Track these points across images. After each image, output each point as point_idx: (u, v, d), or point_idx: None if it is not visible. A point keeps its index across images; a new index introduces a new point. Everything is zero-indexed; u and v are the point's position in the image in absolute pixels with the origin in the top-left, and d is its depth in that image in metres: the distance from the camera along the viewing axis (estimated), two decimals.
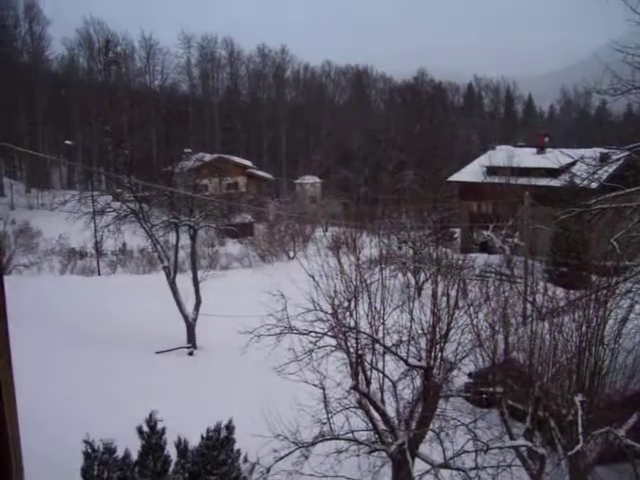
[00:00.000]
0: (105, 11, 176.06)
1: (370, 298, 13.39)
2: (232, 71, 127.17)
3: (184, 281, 30.33)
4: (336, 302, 13.26)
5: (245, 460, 12.63)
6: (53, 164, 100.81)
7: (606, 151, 28.20)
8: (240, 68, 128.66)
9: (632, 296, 17.38)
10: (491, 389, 14.44)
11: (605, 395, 13.85)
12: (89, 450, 10.64)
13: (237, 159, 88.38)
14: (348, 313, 13.19)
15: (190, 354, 28.30)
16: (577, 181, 31.47)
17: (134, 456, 11.05)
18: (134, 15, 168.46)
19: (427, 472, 13.06)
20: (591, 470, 13.78)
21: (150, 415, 11.19)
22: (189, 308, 29.21)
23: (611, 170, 27.96)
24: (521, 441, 13.78)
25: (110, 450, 10.67)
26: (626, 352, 14.55)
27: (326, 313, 13.18)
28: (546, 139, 62.14)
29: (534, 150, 61.14)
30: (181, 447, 11.51)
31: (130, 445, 11.00)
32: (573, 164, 39.06)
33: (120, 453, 10.83)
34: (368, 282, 13.81)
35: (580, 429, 12.11)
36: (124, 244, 50.65)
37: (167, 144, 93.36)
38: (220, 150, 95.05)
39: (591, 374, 13.53)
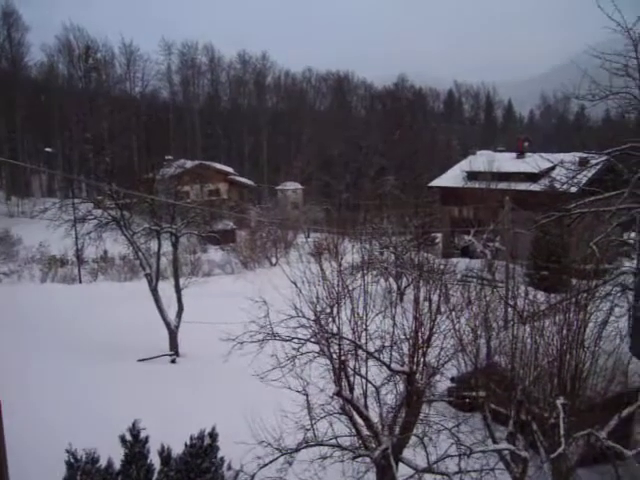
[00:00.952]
0: (85, 18, 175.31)
1: (352, 304, 13.38)
2: (213, 77, 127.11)
3: (166, 288, 30.21)
4: (318, 308, 13.25)
5: (229, 467, 12.61)
6: (33, 171, 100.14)
7: (585, 156, 28.47)
8: (221, 74, 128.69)
9: (612, 299, 17.54)
10: (474, 393, 14.49)
11: (586, 398, 13.95)
12: (71, 460, 10.56)
13: (218, 165, 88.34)
14: (331, 319, 13.18)
15: (173, 362, 28.18)
16: (557, 185, 31.71)
17: (117, 465, 10.99)
18: (114, 22, 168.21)
19: (411, 477, 13.10)
20: (573, 472, 13.87)
21: (133, 424, 11.14)
22: (171, 315, 29.11)
23: (590, 174, 28.24)
24: (504, 444, 13.85)
25: (93, 459, 10.60)
26: (606, 355, 14.68)
27: (309, 319, 13.18)
28: (526, 144, 62.58)
29: (514, 155, 61.54)
30: (164, 455, 11.47)
31: (113, 454, 10.94)
32: (553, 168, 39.51)
33: (103, 462, 10.77)
34: (350, 288, 13.81)
35: (562, 432, 12.19)
36: (105, 252, 50.43)
37: (148, 151, 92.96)
38: (201, 157, 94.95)
39: (572, 377, 13.62)
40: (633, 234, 27.86)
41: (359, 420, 13.34)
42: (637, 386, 17.09)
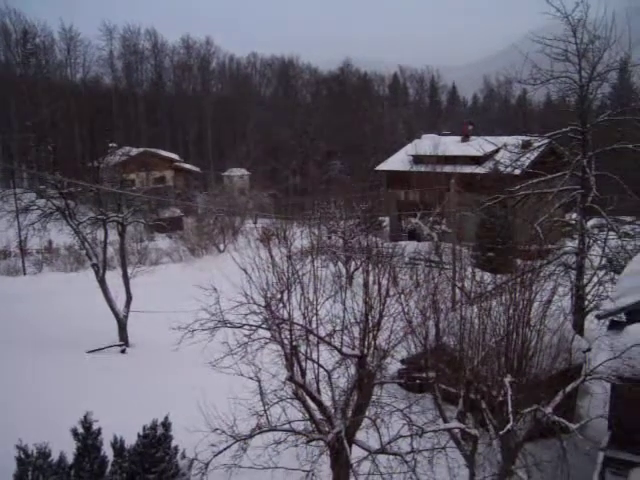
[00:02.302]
0: (22, 1, 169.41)
1: (302, 289, 13.39)
2: (156, 63, 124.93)
3: (114, 278, 29.86)
4: (269, 294, 13.25)
5: (183, 456, 12.62)
6: None
7: (528, 139, 29.10)
8: (164, 60, 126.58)
9: (555, 278, 18.04)
10: (424, 374, 14.73)
11: (532, 375, 14.30)
12: (22, 456, 10.41)
13: (163, 152, 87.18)
14: (281, 305, 13.19)
15: (122, 352, 27.90)
16: (501, 168, 32.31)
17: (70, 459, 10.88)
18: (53, 6, 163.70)
19: (365, 458, 13.28)
20: (521, 447, 14.25)
21: (85, 416, 11.05)
22: (120, 305, 28.77)
23: (533, 157, 28.86)
24: (454, 423, 14.15)
25: (44, 454, 10.47)
26: (551, 333, 15.08)
27: (259, 306, 13.18)
28: (470, 127, 63.15)
29: (459, 138, 62.09)
30: (117, 446, 11.42)
31: (66, 448, 10.83)
32: (497, 151, 40.17)
33: (55, 457, 10.65)
34: (300, 273, 13.84)
35: (510, 409, 12.51)
36: (50, 242, 49.50)
37: (91, 139, 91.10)
38: (146, 143, 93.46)
39: (519, 355, 13.95)
40: (574, 215, 28.54)
41: (312, 404, 13.44)
42: (580, 362, 17.63)
